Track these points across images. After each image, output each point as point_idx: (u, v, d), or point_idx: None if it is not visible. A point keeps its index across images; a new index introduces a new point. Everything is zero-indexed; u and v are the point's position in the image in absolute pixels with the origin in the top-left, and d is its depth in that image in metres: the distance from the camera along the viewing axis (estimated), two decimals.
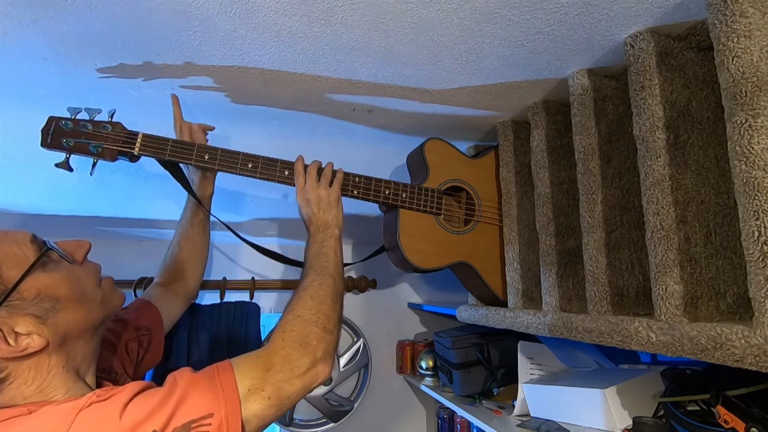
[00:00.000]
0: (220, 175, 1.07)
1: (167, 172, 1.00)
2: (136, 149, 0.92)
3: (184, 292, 1.03)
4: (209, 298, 1.47)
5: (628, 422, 0.93)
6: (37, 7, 0.74)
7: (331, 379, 1.57)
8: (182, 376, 0.59)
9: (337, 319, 0.77)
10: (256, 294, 1.52)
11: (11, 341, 0.55)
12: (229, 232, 1.09)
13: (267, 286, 1.56)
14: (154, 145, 0.93)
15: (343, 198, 1.02)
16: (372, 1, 0.74)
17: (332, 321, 0.75)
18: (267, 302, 1.59)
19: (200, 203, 1.01)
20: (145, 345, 0.87)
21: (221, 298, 1.47)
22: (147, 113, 1.05)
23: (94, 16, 0.77)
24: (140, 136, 0.93)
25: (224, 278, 1.49)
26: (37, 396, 0.58)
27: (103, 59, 0.90)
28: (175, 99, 1.01)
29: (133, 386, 0.57)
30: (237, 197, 1.46)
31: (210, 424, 0.55)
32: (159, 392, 0.57)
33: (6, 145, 1.14)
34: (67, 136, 0.89)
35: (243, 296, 1.50)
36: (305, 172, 0.99)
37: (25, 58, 0.89)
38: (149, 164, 1.27)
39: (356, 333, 1.67)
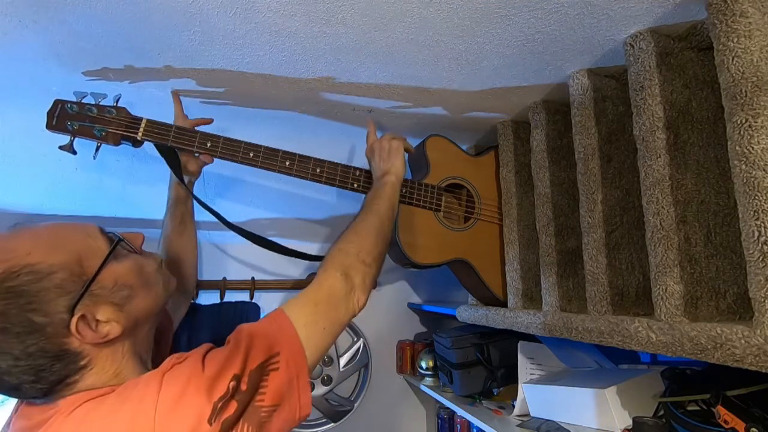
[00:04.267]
0: (219, 175, 1.07)
1: (163, 158, 0.98)
2: (140, 134, 0.93)
3: (183, 292, 1.03)
4: (209, 298, 1.47)
5: (628, 422, 0.93)
6: (37, 7, 0.74)
7: (331, 379, 1.57)
8: (241, 331, 0.62)
9: (377, 255, 0.81)
10: (256, 294, 1.52)
11: (94, 328, 0.58)
12: (227, 232, 1.08)
13: (267, 286, 1.56)
14: (158, 131, 0.94)
15: (343, 192, 1.02)
16: (372, 1, 0.74)
17: (372, 255, 0.80)
18: (267, 302, 1.58)
19: (188, 190, 1.00)
20: (160, 344, 0.88)
21: (221, 298, 1.47)
22: (148, 113, 1.05)
23: (94, 16, 0.77)
24: (144, 121, 0.93)
25: (224, 278, 1.49)
26: (114, 380, 0.60)
27: (103, 59, 0.90)
28: (175, 95, 1.01)
29: (201, 348, 0.61)
30: (236, 197, 1.46)
31: (278, 362, 0.60)
32: (227, 347, 0.60)
33: (6, 144, 1.15)
34: (72, 119, 0.90)
35: (243, 296, 1.50)
36: (374, 131, 1.10)
37: (25, 58, 0.89)
38: (150, 164, 1.28)
39: (356, 333, 1.67)
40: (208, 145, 0.96)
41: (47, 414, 0.56)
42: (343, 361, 1.62)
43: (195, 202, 1.03)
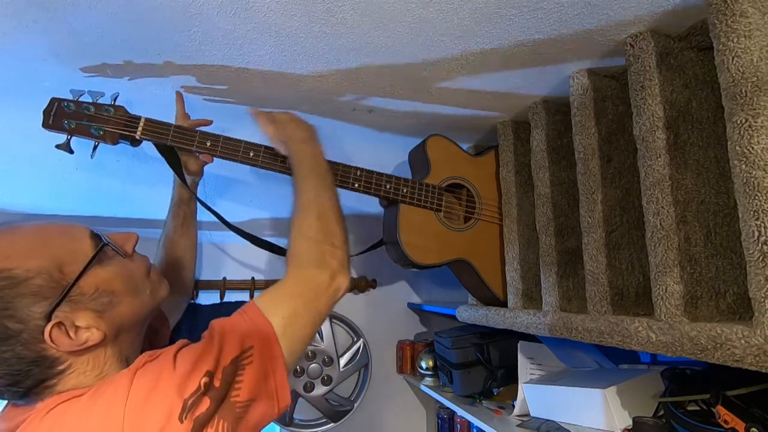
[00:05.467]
0: (219, 175, 1.07)
1: (163, 157, 0.98)
2: (138, 133, 0.92)
3: (181, 292, 1.03)
4: (209, 298, 1.47)
5: (628, 422, 0.93)
6: (37, 7, 0.74)
7: (331, 379, 1.57)
8: (213, 327, 0.62)
9: (342, 233, 0.79)
10: (256, 294, 1.52)
11: (72, 335, 0.57)
12: (227, 232, 1.08)
13: (267, 286, 1.56)
14: (156, 130, 0.93)
15: (343, 192, 1.02)
16: (372, 1, 0.74)
17: (339, 236, 0.77)
18: None
19: (187, 186, 1.00)
20: (154, 344, 0.87)
21: (221, 298, 1.47)
22: (147, 113, 1.05)
23: (94, 16, 0.77)
24: (143, 120, 0.93)
25: (224, 278, 1.49)
26: (97, 383, 0.59)
27: (103, 59, 0.90)
28: (179, 97, 1.01)
29: (174, 345, 0.60)
30: (236, 197, 1.46)
31: (252, 355, 0.59)
32: (200, 343, 0.59)
33: (6, 144, 1.15)
34: (68, 117, 0.89)
35: (243, 296, 1.50)
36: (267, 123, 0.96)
37: (26, 58, 0.89)
38: (150, 164, 1.28)
39: (356, 333, 1.67)
40: (208, 144, 0.95)
41: (25, 416, 0.56)
42: (343, 361, 1.62)
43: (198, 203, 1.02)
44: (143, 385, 0.53)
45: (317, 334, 1.59)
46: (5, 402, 0.63)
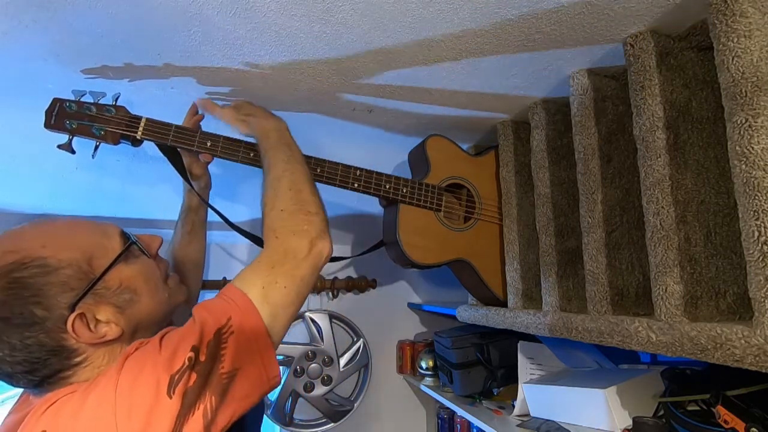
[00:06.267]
0: (219, 175, 1.07)
1: (167, 158, 0.98)
2: (139, 133, 0.93)
3: (188, 298, 1.03)
4: (209, 297, 1.47)
5: (628, 422, 0.93)
6: (37, 7, 0.74)
7: (331, 379, 1.57)
8: (195, 310, 0.63)
9: (317, 202, 0.77)
10: None
11: (92, 327, 0.59)
12: (228, 232, 1.09)
13: None
14: (157, 130, 0.93)
15: (343, 193, 1.01)
16: (372, 1, 0.74)
17: (314, 204, 0.76)
18: None
19: (195, 192, 1.00)
20: None
21: None
22: (148, 113, 1.05)
23: (94, 16, 0.77)
24: (143, 120, 0.93)
25: (224, 278, 1.49)
26: None
27: (103, 59, 0.90)
28: (193, 106, 1.01)
29: (161, 331, 0.61)
30: (236, 197, 1.46)
31: (231, 326, 0.60)
32: (184, 326, 0.60)
33: (6, 144, 1.15)
34: (70, 117, 0.89)
35: None
36: (216, 108, 0.97)
37: (25, 58, 0.89)
38: (150, 164, 1.28)
39: (356, 333, 1.67)
40: (208, 144, 0.96)
41: (32, 407, 0.57)
42: (343, 361, 1.62)
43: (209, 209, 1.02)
44: (133, 369, 0.54)
45: (317, 334, 1.59)
46: (21, 392, 0.65)
